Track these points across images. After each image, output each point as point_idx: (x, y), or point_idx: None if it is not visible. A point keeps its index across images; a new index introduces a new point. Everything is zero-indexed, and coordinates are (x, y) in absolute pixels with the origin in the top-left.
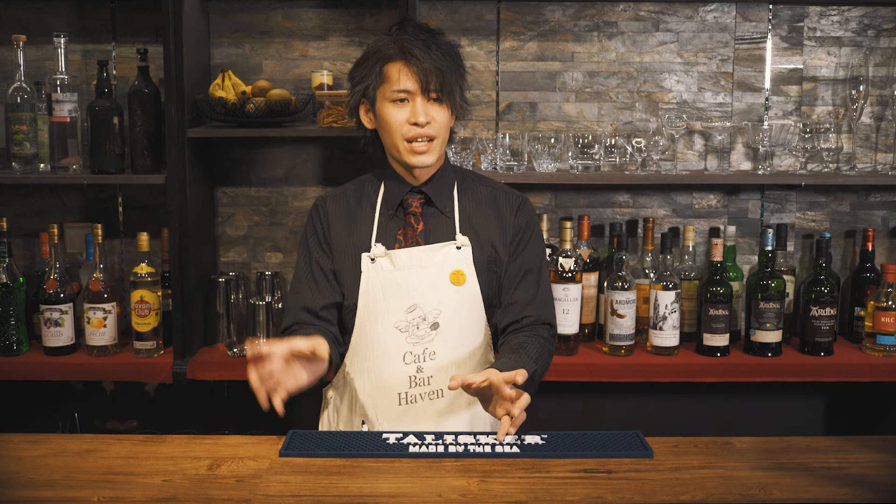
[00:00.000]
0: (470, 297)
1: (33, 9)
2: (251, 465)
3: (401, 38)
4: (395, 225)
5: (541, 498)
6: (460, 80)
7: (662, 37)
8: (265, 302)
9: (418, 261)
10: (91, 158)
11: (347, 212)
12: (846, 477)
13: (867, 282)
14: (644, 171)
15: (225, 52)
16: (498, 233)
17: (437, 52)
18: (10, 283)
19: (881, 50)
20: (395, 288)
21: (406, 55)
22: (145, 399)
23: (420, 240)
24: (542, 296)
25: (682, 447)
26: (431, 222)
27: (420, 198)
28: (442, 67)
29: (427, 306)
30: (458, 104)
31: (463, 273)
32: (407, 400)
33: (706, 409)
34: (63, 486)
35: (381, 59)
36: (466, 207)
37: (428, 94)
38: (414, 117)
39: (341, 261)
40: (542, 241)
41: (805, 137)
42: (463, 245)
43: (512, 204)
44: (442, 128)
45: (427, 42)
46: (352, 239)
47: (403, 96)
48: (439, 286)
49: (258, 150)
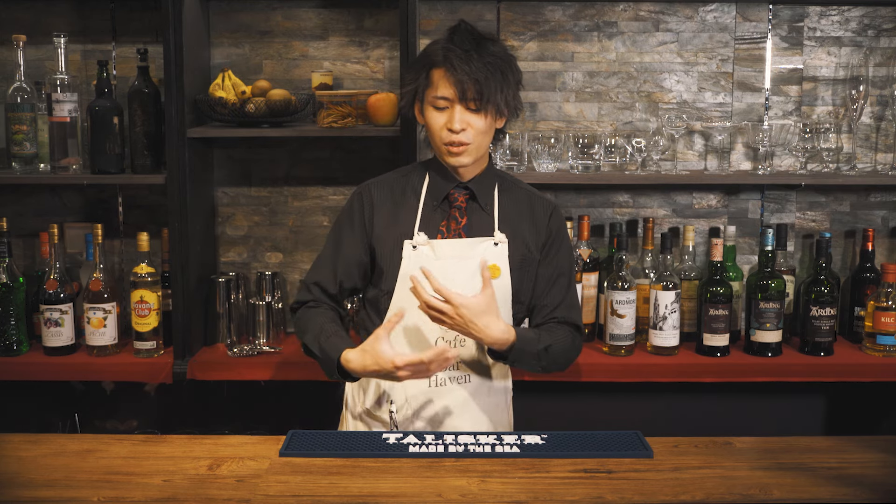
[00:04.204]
0: (502, 290)
1: (33, 9)
2: (251, 465)
3: (447, 46)
4: (439, 216)
5: (541, 498)
6: (505, 88)
7: (662, 37)
8: (265, 302)
9: (459, 252)
10: (91, 158)
11: (392, 199)
12: (846, 477)
13: (867, 282)
14: (644, 171)
15: (225, 52)
16: (532, 234)
17: (479, 63)
18: (10, 283)
19: (881, 50)
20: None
21: (448, 64)
22: (145, 399)
23: (462, 233)
24: (571, 299)
25: (682, 447)
26: (473, 217)
27: (465, 193)
28: (480, 78)
29: None
30: (503, 109)
31: (499, 268)
32: (437, 382)
33: (706, 409)
34: (63, 486)
35: (429, 64)
36: (505, 207)
37: (466, 103)
38: (450, 124)
39: (382, 245)
40: (570, 246)
41: (805, 137)
42: (500, 242)
43: (545, 209)
44: (478, 134)
45: (470, 52)
46: (395, 225)
47: (444, 104)
48: (476, 278)
49: (258, 150)
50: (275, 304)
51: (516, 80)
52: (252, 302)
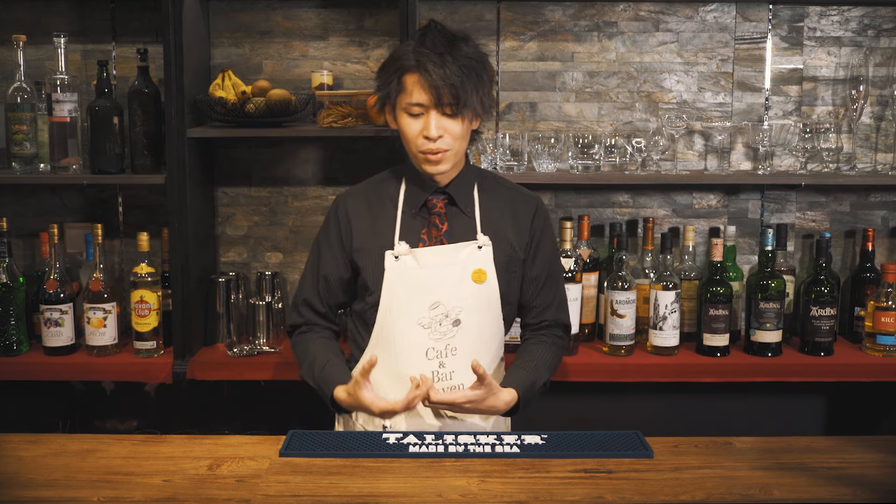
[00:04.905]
0: (489, 294)
1: (33, 9)
2: (251, 465)
3: (419, 50)
4: (419, 224)
5: (541, 498)
6: (480, 89)
7: (662, 37)
8: (265, 302)
9: (442, 259)
10: (91, 158)
11: (369, 210)
12: (846, 477)
13: (867, 282)
14: (644, 171)
15: (225, 52)
16: (515, 233)
17: (453, 66)
18: (10, 283)
19: (881, 50)
20: (418, 285)
21: (421, 68)
22: (145, 399)
23: (444, 239)
24: (561, 298)
25: (682, 447)
26: (454, 222)
27: (444, 198)
28: (456, 82)
29: (450, 303)
30: (480, 112)
31: (484, 272)
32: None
33: (706, 409)
34: (63, 486)
35: (401, 69)
36: (486, 207)
37: (442, 109)
38: (426, 131)
39: (364, 258)
40: (555, 242)
41: (805, 137)
42: (484, 245)
43: (528, 206)
44: (456, 139)
45: (443, 55)
46: (375, 236)
47: (418, 111)
48: (462, 284)
49: (258, 150)
50: (275, 304)
51: (490, 80)
52: (252, 302)
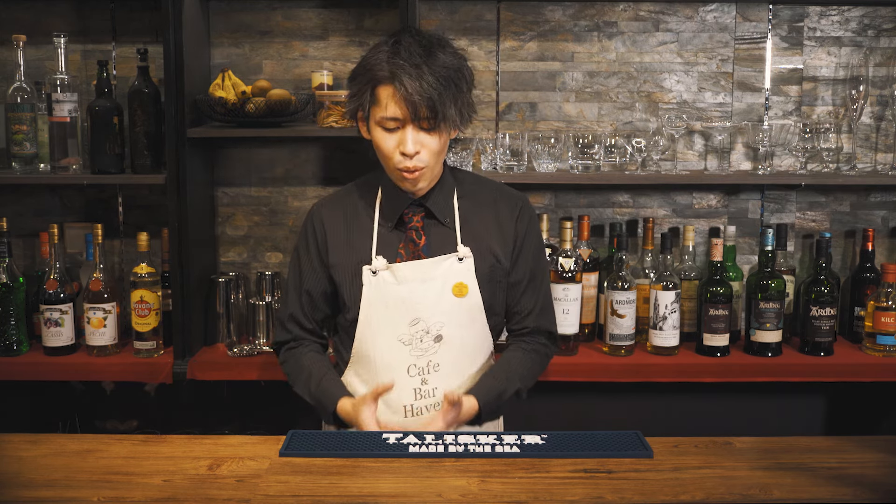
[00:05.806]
0: (472, 307)
1: (33, 9)
2: (251, 465)
3: (393, 60)
4: (396, 238)
5: (541, 498)
6: (459, 99)
7: (662, 37)
8: (265, 302)
9: (421, 274)
10: (91, 158)
11: (345, 221)
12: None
13: (867, 282)
14: (644, 171)
15: (225, 52)
16: (499, 240)
17: (430, 77)
18: (10, 283)
19: (881, 50)
20: (397, 301)
21: (396, 81)
22: (145, 399)
23: (422, 254)
24: (544, 304)
25: (682, 447)
26: (433, 234)
27: (421, 211)
28: (433, 95)
29: (430, 319)
30: (457, 124)
31: (465, 285)
32: (413, 412)
33: (706, 409)
34: (63, 486)
35: (374, 80)
36: (467, 215)
37: (418, 123)
38: (403, 147)
39: (341, 274)
40: (542, 243)
41: (805, 137)
42: (465, 256)
43: (512, 209)
44: (433, 155)
45: (420, 66)
46: (351, 251)
47: (394, 125)
48: (442, 299)
49: (258, 150)
50: (275, 304)
51: (469, 87)
52: (252, 302)
